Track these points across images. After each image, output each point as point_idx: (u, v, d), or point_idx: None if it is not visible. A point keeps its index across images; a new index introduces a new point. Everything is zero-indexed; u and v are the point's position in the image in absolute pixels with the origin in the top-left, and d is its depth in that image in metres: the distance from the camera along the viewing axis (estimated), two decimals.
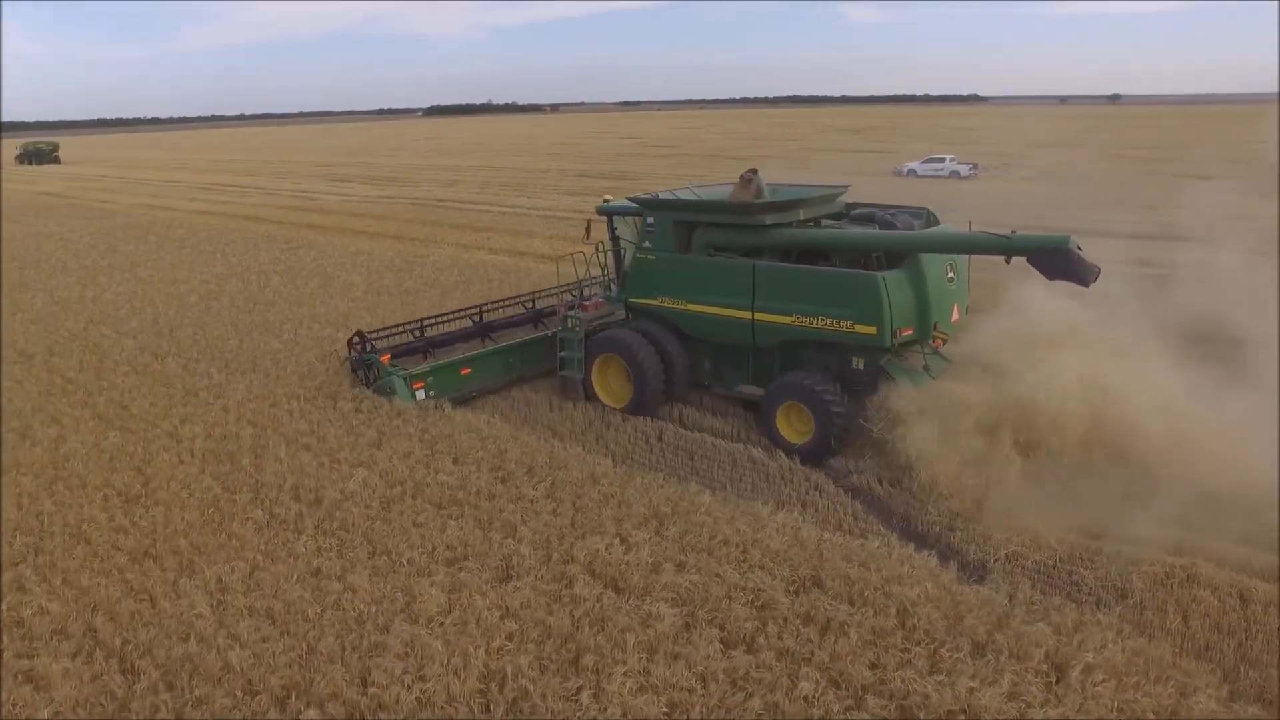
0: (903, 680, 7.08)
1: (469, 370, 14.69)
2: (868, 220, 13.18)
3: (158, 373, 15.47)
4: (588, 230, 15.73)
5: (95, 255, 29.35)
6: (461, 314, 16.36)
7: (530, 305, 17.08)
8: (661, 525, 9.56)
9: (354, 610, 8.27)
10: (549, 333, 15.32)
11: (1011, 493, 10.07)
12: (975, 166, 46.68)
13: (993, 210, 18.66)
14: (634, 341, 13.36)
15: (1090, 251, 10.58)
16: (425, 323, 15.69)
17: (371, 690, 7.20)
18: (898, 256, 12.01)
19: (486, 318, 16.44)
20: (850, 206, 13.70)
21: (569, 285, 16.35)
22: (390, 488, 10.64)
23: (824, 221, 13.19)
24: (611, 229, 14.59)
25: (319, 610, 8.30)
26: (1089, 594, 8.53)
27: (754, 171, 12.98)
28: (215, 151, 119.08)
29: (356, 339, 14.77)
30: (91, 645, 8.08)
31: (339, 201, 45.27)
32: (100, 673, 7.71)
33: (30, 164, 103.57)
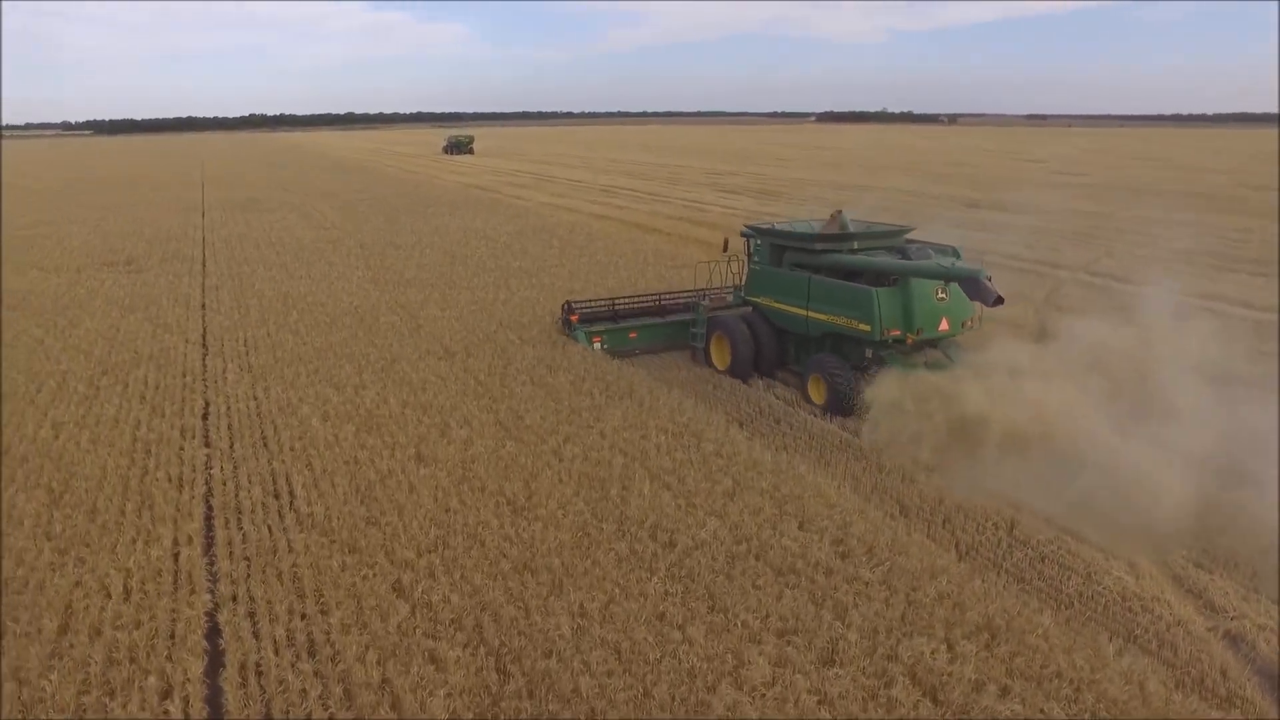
0: None
1: (635, 334, 21.18)
2: (898, 251, 17.40)
3: (549, 387, 17.54)
4: (725, 244, 21.63)
5: (509, 256, 33.45)
6: (645, 298, 22.63)
7: (702, 297, 21.51)
8: (993, 639, 9.37)
9: (688, 663, 9.05)
10: (687, 317, 20.96)
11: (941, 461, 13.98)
12: None
13: None
14: (734, 325, 19.02)
15: None
16: (616, 301, 22.07)
17: None
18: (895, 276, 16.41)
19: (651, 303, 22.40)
20: (910, 241, 17.89)
21: (719, 289, 21.69)
22: (737, 543, 11.37)
23: (875, 251, 17.44)
24: (748, 246, 19.68)
25: (658, 655, 9.19)
26: None
27: (839, 212, 18.69)
28: (616, 149, 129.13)
29: (566, 305, 21.52)
30: (477, 641, 9.60)
31: (723, 215, 47.38)
32: (481, 668, 9.17)
33: (452, 154, 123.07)
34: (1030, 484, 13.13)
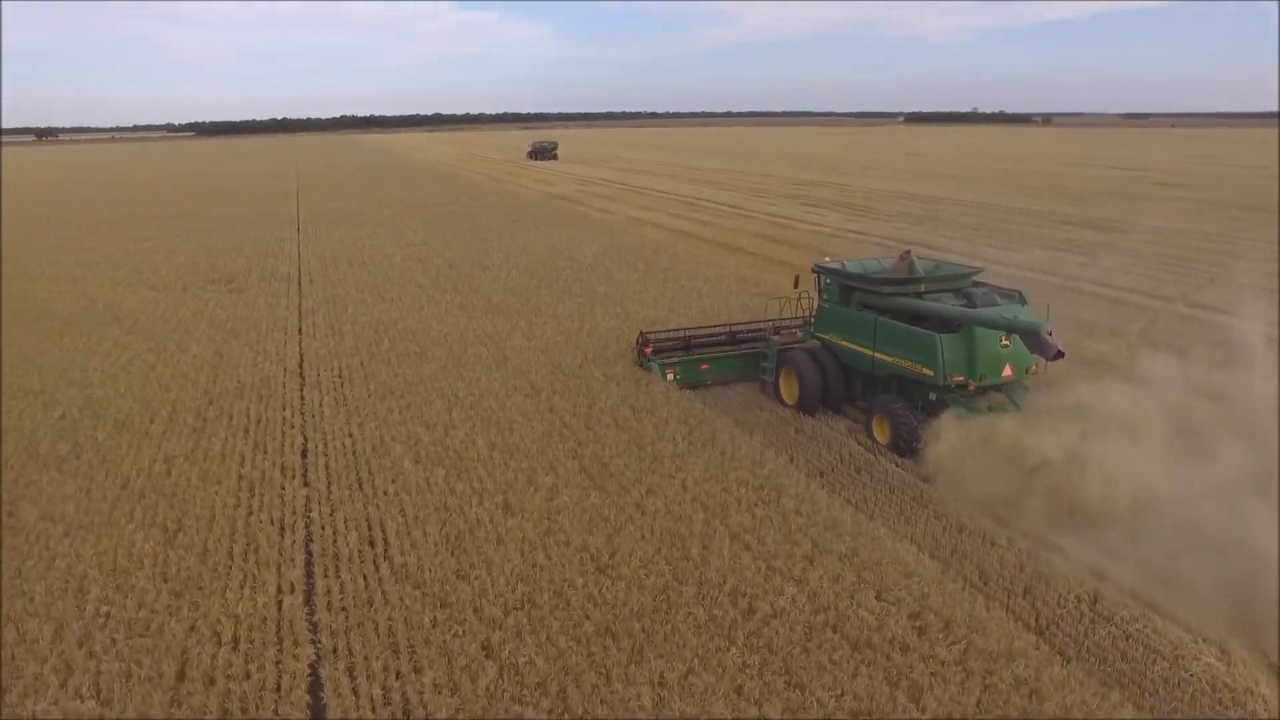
0: None
1: (706, 366, 21.82)
2: (964, 295, 17.71)
3: (633, 431, 17.90)
4: (796, 281, 21.47)
5: (594, 279, 33.96)
6: (717, 327, 23.28)
7: (773, 329, 22.11)
8: None
9: None
10: (760, 349, 21.32)
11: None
12: None
13: None
14: (803, 361, 19.47)
15: None
16: (689, 332, 22.86)
17: None
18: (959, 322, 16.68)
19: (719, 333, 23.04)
20: (978, 284, 18.37)
21: (790, 321, 22.17)
22: (815, 613, 11.54)
23: (941, 294, 17.75)
24: (818, 283, 20.04)
25: None
26: None
27: (908, 252, 18.92)
28: (699, 156, 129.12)
29: (641, 337, 22.33)
30: (561, 708, 9.99)
31: (808, 233, 47.20)
32: None
33: (537, 160, 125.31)
34: (1110, 549, 13.05)
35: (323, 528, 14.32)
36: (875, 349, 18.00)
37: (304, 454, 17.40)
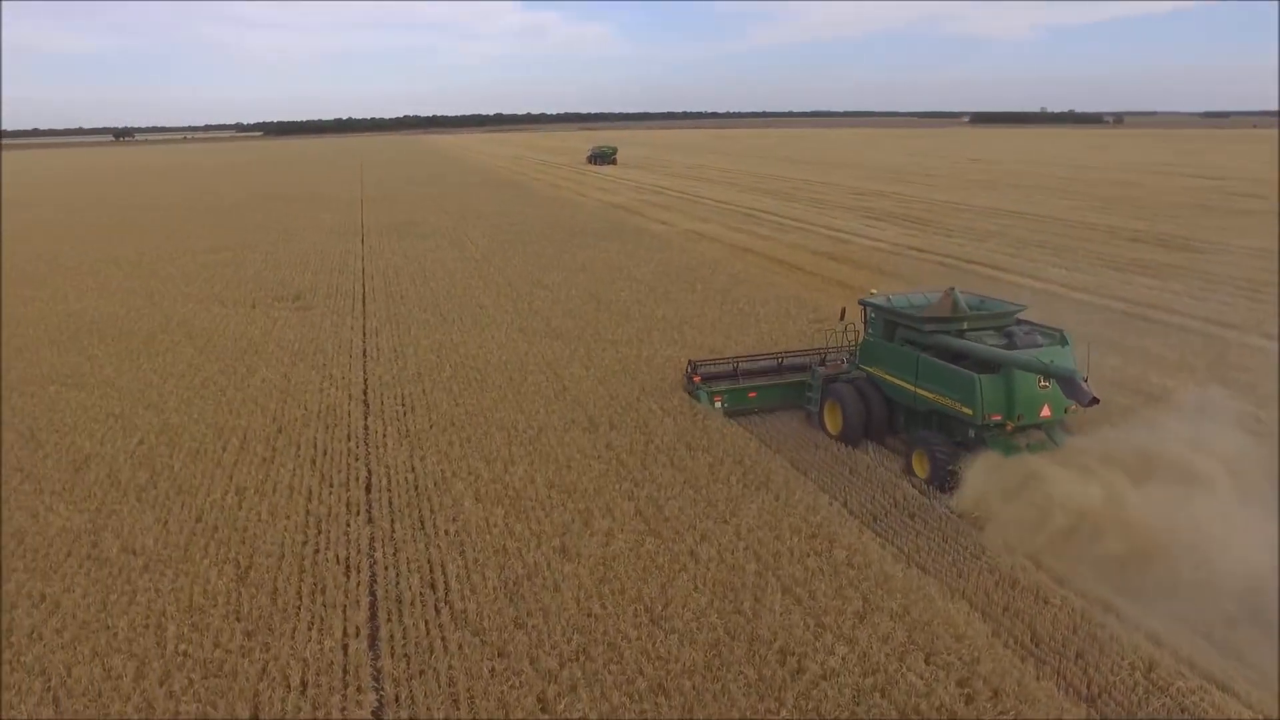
0: None
1: (754, 395, 22.48)
2: (1006, 334, 18.10)
3: (689, 471, 18.13)
4: (842, 314, 22.40)
5: (653, 301, 34.25)
6: (765, 356, 24.04)
7: (820, 359, 22.81)
8: None
9: None
10: (805, 379, 22.00)
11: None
12: None
13: None
14: (847, 393, 20.06)
15: None
16: (738, 360, 23.48)
17: None
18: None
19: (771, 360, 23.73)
20: (1021, 321, 18.83)
21: (836, 350, 22.73)
22: (864, 675, 11.65)
23: (984, 332, 18.37)
24: (865, 316, 20.64)
25: None
26: None
27: (952, 289, 19.09)
28: (759, 160, 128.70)
29: (690, 365, 23.07)
30: None
31: (868, 250, 46.94)
32: None
33: (596, 164, 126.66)
34: (1169, 612, 12.93)
35: (386, 568, 14.81)
36: (917, 384, 18.53)
37: (368, 488, 17.96)
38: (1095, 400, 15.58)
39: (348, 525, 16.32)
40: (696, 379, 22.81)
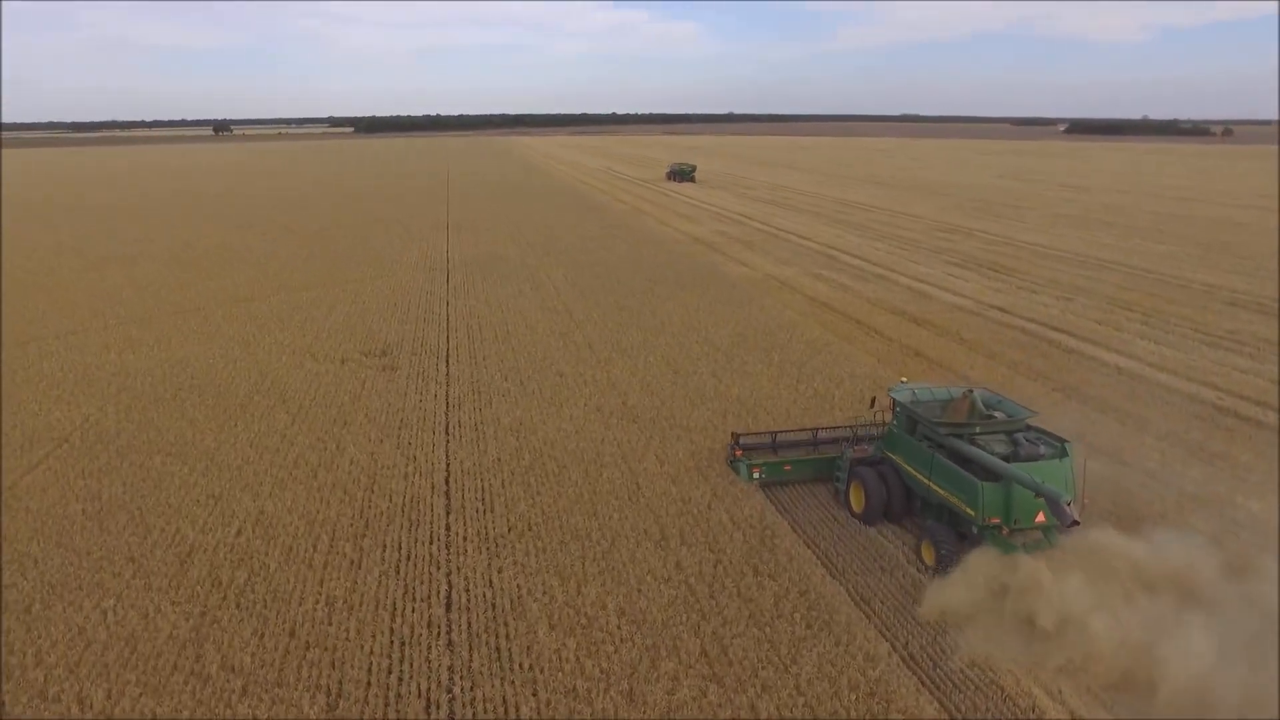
0: None
1: (789, 467, 24.76)
2: (1013, 440, 20.10)
3: (754, 604, 18.64)
4: (872, 403, 24.65)
5: (729, 375, 34.71)
6: (803, 430, 26.49)
7: (854, 435, 25.12)
8: None
9: None
10: (837, 455, 24.17)
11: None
12: None
13: None
14: (870, 477, 22.16)
15: None
16: (776, 433, 25.92)
17: None
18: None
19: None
20: (1031, 427, 20.80)
21: (868, 428, 24.88)
22: None
23: (995, 435, 20.28)
24: (894, 407, 22.64)
25: None
26: None
27: (970, 392, 21.23)
28: (843, 183, 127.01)
29: (734, 437, 25.37)
30: None
31: (949, 310, 46.49)
32: None
33: (675, 181, 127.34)
34: None
35: (464, 705, 15.68)
36: (930, 479, 20.73)
37: (448, 605, 18.89)
38: (1075, 523, 17.23)
39: (429, 651, 17.24)
40: (739, 453, 25.07)
